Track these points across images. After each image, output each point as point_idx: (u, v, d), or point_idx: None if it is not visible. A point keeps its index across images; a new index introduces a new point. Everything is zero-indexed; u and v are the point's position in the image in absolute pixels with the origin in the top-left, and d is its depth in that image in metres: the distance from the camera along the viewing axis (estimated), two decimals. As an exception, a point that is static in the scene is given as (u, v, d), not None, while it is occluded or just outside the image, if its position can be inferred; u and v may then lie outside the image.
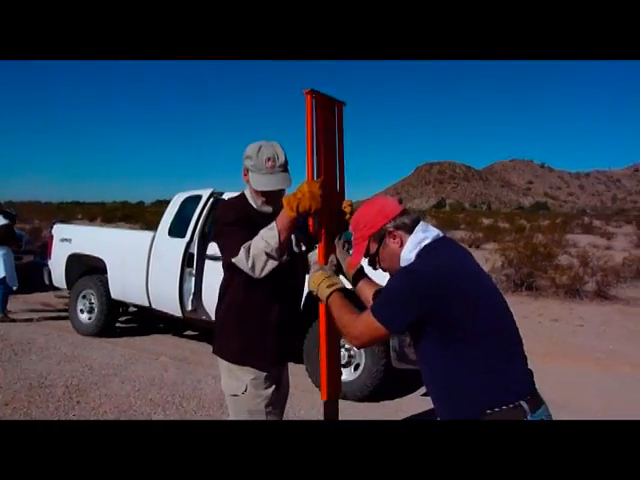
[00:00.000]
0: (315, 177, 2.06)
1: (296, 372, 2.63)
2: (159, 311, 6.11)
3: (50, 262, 7.16)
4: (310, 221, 2.07)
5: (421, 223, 1.76)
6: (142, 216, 31.79)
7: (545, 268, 10.97)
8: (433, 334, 1.63)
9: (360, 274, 2.10)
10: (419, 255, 1.68)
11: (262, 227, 2.12)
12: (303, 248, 2.35)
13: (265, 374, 2.24)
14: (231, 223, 2.16)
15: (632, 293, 10.44)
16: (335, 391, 2.28)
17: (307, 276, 2.06)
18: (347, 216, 2.17)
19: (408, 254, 1.69)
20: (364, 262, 1.93)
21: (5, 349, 5.58)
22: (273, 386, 2.26)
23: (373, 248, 1.78)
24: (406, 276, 1.64)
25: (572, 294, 10.02)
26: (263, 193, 2.20)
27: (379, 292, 1.94)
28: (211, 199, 5.82)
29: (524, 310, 8.94)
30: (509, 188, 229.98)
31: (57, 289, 7.45)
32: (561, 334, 7.46)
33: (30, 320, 7.40)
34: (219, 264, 5.87)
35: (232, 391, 2.25)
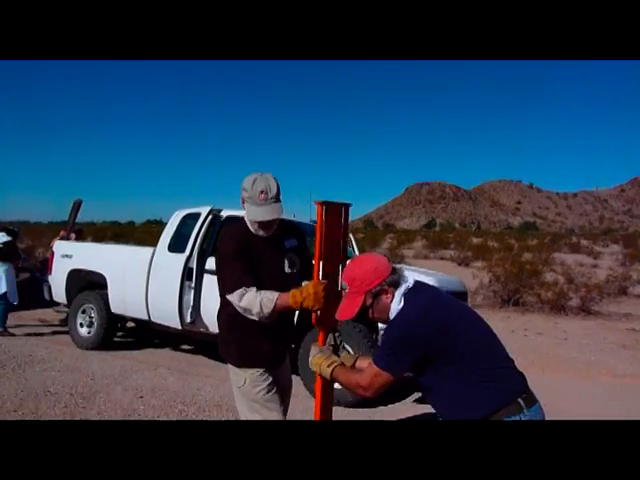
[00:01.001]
0: (320, 278, 2.31)
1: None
2: (157, 324, 6.32)
3: (50, 278, 7.37)
4: (313, 315, 2.32)
5: (401, 276, 2.07)
6: (133, 235, 31.86)
7: (531, 285, 11.31)
8: (430, 366, 1.92)
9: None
10: (404, 301, 1.99)
11: (260, 248, 2.42)
12: (295, 270, 2.59)
13: (263, 369, 2.50)
14: (231, 255, 2.40)
15: (614, 308, 10.79)
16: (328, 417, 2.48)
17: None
18: None
19: (396, 306, 2.01)
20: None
21: (9, 361, 5.74)
22: (270, 379, 2.51)
23: (368, 302, 2.05)
24: (396, 327, 1.96)
25: (557, 309, 10.37)
26: (257, 221, 2.44)
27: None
28: (210, 216, 6.08)
29: (511, 325, 9.23)
30: (498, 208, 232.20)
31: (57, 304, 7.64)
32: (545, 347, 7.75)
33: (29, 335, 7.57)
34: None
35: (235, 384, 2.54)
